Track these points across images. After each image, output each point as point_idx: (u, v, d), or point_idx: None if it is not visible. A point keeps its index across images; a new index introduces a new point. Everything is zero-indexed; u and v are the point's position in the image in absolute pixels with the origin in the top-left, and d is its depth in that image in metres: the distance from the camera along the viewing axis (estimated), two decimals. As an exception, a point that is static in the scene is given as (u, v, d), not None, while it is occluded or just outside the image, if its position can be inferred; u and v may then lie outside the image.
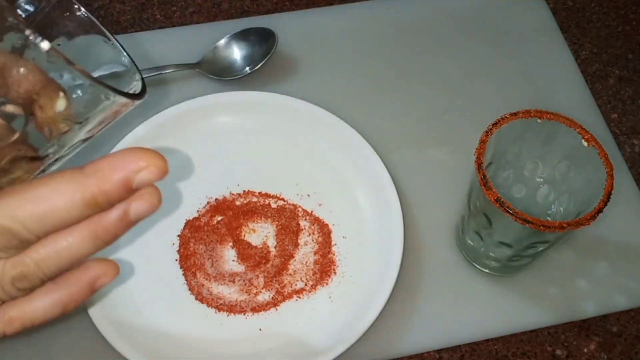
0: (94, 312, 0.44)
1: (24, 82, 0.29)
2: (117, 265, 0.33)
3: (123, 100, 0.29)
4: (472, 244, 0.46)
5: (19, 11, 0.30)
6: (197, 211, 0.50)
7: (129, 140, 0.50)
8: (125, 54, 0.32)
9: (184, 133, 0.52)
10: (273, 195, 0.50)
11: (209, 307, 0.46)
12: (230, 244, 0.48)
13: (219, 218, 0.49)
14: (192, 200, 0.50)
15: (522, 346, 0.47)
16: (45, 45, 0.26)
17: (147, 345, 0.43)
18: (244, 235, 0.49)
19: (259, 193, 0.50)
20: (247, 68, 0.55)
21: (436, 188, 0.52)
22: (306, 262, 0.48)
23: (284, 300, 0.46)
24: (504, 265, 0.47)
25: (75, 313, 0.45)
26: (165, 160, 0.28)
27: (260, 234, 0.49)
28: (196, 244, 0.48)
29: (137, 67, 0.32)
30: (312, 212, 0.50)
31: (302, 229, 0.49)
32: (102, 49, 0.32)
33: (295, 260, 0.48)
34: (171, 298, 0.46)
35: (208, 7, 0.63)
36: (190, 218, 0.49)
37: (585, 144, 0.40)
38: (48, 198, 0.27)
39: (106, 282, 0.32)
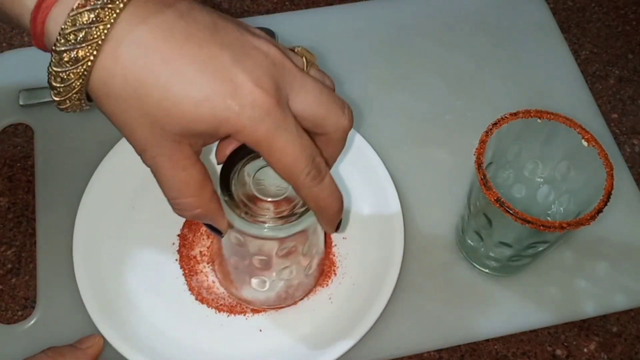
0: (94, 312, 0.44)
1: None
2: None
3: None
4: (472, 244, 0.46)
5: None
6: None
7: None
8: None
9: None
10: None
11: (209, 307, 0.46)
12: (230, 244, 0.48)
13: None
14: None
15: (522, 346, 0.47)
16: None
17: (147, 345, 0.43)
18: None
19: (259, 193, 0.50)
20: (247, 68, 0.55)
21: (436, 188, 0.52)
22: (306, 262, 0.48)
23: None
24: (504, 265, 0.47)
25: (74, 313, 0.45)
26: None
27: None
28: (196, 244, 0.48)
29: None
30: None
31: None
32: None
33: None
34: (171, 298, 0.46)
35: (208, 6, 0.63)
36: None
37: (585, 144, 0.40)
38: None
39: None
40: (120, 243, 0.48)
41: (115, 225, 0.48)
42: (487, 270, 0.48)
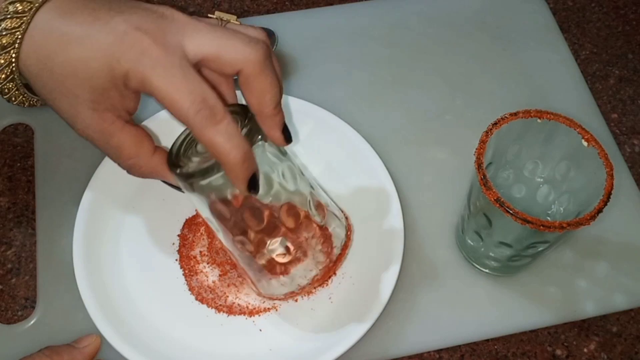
0: (94, 312, 0.44)
1: None
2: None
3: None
4: (472, 244, 0.46)
5: None
6: (196, 209, 0.49)
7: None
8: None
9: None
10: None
11: (209, 307, 0.46)
12: (230, 244, 0.48)
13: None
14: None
15: (522, 346, 0.47)
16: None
17: (147, 345, 0.43)
18: (244, 236, 0.49)
19: (259, 193, 0.50)
20: (247, 68, 0.55)
21: (436, 188, 0.52)
22: (306, 262, 0.48)
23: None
24: (504, 265, 0.47)
25: (74, 313, 0.45)
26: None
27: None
28: (196, 244, 0.48)
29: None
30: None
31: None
32: None
33: (295, 260, 0.48)
34: (171, 298, 0.46)
35: (208, 7, 0.63)
36: (190, 216, 0.49)
37: (585, 144, 0.40)
38: None
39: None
40: (120, 243, 0.48)
41: (115, 225, 0.48)
42: (487, 270, 0.48)
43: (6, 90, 0.35)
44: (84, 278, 0.45)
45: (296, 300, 0.46)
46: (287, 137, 0.39)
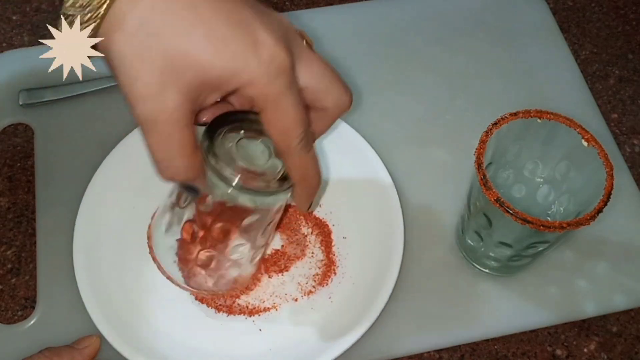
0: (94, 312, 0.44)
1: None
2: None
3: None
4: (472, 244, 0.46)
5: None
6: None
7: (131, 138, 0.50)
8: None
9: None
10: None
11: (208, 307, 0.46)
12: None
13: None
14: (192, 200, 0.50)
15: (522, 346, 0.47)
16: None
17: (147, 345, 0.43)
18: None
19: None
20: (247, 68, 0.55)
21: (436, 188, 0.52)
22: (306, 262, 0.48)
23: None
24: (504, 265, 0.47)
25: (74, 313, 0.45)
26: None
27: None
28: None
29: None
30: (312, 212, 0.50)
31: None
32: None
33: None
34: (171, 298, 0.46)
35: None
36: (190, 217, 0.49)
37: (585, 144, 0.40)
38: None
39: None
40: (120, 243, 0.48)
41: (116, 225, 0.48)
42: (487, 270, 0.48)
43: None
44: (84, 278, 0.45)
45: (296, 300, 0.46)
46: None
